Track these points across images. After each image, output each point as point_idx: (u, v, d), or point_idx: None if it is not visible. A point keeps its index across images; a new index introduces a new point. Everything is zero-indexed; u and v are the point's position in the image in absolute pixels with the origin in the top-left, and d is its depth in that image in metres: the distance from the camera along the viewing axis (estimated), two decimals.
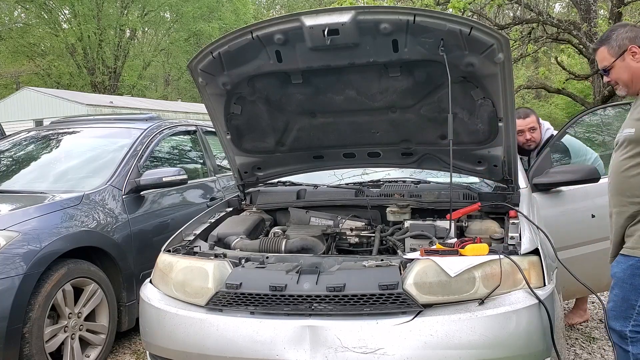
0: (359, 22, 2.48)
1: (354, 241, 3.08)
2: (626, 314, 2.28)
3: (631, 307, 2.27)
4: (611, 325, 2.33)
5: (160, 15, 33.06)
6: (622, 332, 2.29)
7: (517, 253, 2.38)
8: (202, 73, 2.87)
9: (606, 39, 2.44)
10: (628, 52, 2.37)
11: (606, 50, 2.43)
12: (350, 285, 2.26)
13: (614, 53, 2.41)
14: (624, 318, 2.29)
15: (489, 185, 3.37)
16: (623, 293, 2.30)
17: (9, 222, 3.22)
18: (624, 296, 2.29)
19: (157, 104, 25.81)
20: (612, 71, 2.44)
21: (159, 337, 2.55)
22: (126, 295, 3.75)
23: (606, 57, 2.44)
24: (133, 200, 3.96)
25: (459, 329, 2.15)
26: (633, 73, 2.40)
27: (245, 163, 3.45)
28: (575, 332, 3.97)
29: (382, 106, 3.01)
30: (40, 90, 23.16)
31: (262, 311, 2.33)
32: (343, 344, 2.18)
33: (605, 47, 2.43)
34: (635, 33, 2.39)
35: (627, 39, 2.38)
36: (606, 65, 2.44)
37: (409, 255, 2.45)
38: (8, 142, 4.85)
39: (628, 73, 2.40)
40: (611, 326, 2.33)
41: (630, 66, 2.39)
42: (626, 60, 2.38)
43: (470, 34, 2.46)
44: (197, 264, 2.56)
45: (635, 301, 2.26)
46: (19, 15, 30.81)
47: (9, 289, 2.98)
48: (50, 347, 3.22)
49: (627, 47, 2.37)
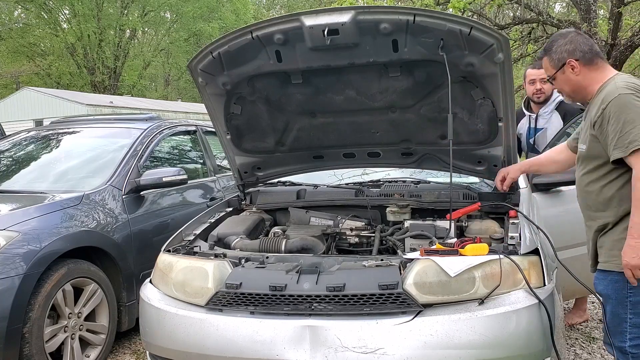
0: (359, 22, 2.48)
1: (354, 241, 3.08)
2: (620, 328, 2.27)
3: (623, 321, 2.25)
4: (612, 341, 2.32)
5: (160, 15, 33.05)
6: (621, 347, 2.27)
7: (517, 253, 2.38)
8: (202, 73, 2.88)
9: (548, 49, 2.42)
10: (567, 65, 2.34)
11: (547, 61, 2.41)
12: (350, 285, 2.26)
13: (554, 65, 2.39)
14: (619, 333, 2.27)
15: (489, 185, 3.37)
16: (612, 309, 2.28)
17: (9, 222, 3.22)
18: (613, 312, 2.28)
19: (157, 104, 25.82)
20: (555, 82, 2.44)
21: (159, 337, 2.55)
22: (126, 295, 3.75)
23: (548, 67, 2.42)
24: (133, 200, 3.95)
25: (459, 328, 2.16)
26: (573, 86, 2.38)
27: (245, 163, 3.45)
28: (575, 332, 3.97)
29: (382, 106, 3.01)
30: (40, 90, 23.16)
31: (262, 311, 2.33)
32: (343, 344, 2.18)
33: (547, 58, 2.42)
34: (574, 45, 2.34)
35: (566, 51, 2.35)
36: (548, 75, 2.44)
37: (409, 255, 2.45)
38: (8, 142, 4.85)
39: (568, 86, 2.39)
40: (612, 342, 2.32)
41: (570, 79, 2.37)
42: (566, 73, 2.36)
43: (470, 33, 2.46)
44: (197, 264, 2.56)
45: (625, 314, 2.24)
46: (19, 15, 30.80)
47: (9, 289, 2.98)
48: (50, 347, 3.22)
49: (565, 60, 2.34)
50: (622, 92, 2.17)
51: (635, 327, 2.24)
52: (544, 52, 2.44)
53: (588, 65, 2.34)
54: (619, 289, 2.24)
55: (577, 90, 2.39)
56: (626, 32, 10.91)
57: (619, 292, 2.25)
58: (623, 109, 2.14)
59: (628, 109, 2.13)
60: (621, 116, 2.14)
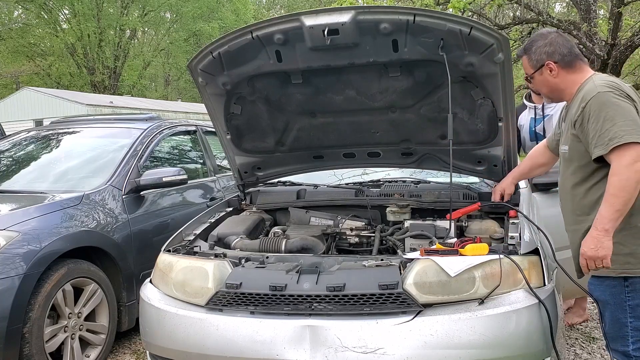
0: (359, 22, 2.48)
1: (354, 241, 3.08)
2: (621, 333, 2.26)
3: (623, 325, 2.25)
4: (613, 346, 2.31)
5: (160, 15, 33.04)
6: (625, 352, 2.26)
7: (517, 253, 2.38)
8: (202, 73, 2.88)
9: (528, 48, 2.41)
10: (545, 67, 2.34)
11: (527, 61, 2.41)
12: (350, 285, 2.26)
13: (532, 65, 2.39)
14: (621, 338, 2.27)
15: (489, 185, 3.37)
16: (612, 314, 2.28)
17: (9, 222, 3.22)
18: (613, 317, 2.28)
19: (157, 104, 25.81)
20: (533, 82, 2.45)
21: (159, 337, 2.55)
22: (126, 295, 3.74)
23: (527, 67, 2.43)
24: (133, 200, 3.95)
25: (459, 328, 2.15)
26: (550, 87, 2.39)
27: (245, 163, 3.45)
28: (575, 332, 3.97)
29: (382, 106, 3.01)
30: (40, 90, 23.15)
31: (262, 311, 2.33)
32: (343, 344, 2.18)
33: (526, 57, 2.42)
34: (554, 47, 2.34)
35: (545, 53, 2.35)
36: (527, 74, 2.43)
37: (409, 255, 2.45)
38: (8, 142, 4.85)
39: (546, 87, 2.40)
40: (613, 347, 2.31)
41: (548, 81, 2.37)
42: (544, 74, 2.37)
43: (470, 33, 2.46)
44: (197, 264, 2.56)
45: (625, 319, 2.24)
46: (19, 15, 30.79)
47: (9, 289, 2.98)
48: (50, 347, 3.22)
49: (544, 62, 2.35)
50: (601, 90, 2.18)
51: (637, 330, 2.23)
52: (524, 51, 2.43)
53: (567, 68, 2.34)
54: (617, 293, 2.24)
55: (555, 91, 2.40)
56: (626, 32, 10.91)
57: (616, 296, 2.24)
58: (602, 106, 2.15)
59: (607, 107, 2.14)
60: (601, 114, 2.14)
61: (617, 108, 2.13)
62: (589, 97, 2.19)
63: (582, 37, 10.68)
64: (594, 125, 2.16)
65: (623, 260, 2.20)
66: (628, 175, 2.08)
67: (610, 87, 2.19)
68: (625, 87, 2.23)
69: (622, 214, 2.13)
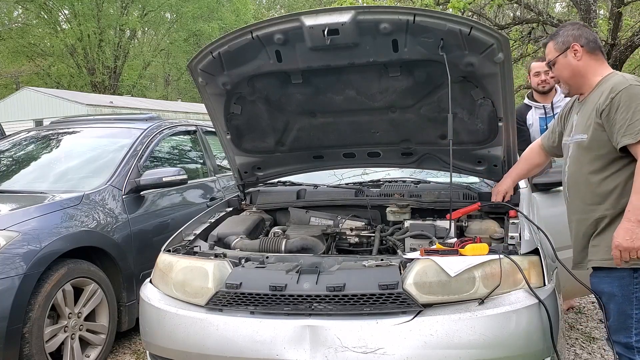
0: (359, 22, 2.48)
1: (354, 241, 3.08)
2: (625, 324, 2.27)
3: (628, 317, 2.26)
4: (615, 339, 2.32)
5: (160, 15, 33.03)
6: (628, 343, 2.27)
7: (517, 253, 2.38)
8: (202, 73, 2.88)
9: (555, 34, 2.48)
10: (570, 49, 2.40)
11: (552, 45, 2.47)
12: (350, 285, 2.26)
13: (558, 48, 2.44)
14: (624, 329, 2.27)
15: (489, 185, 3.37)
16: (617, 306, 2.28)
17: (9, 222, 3.22)
18: (619, 309, 2.28)
19: (157, 104, 25.80)
20: (555, 67, 2.48)
21: (159, 337, 2.55)
22: (126, 295, 3.74)
23: (551, 51, 2.47)
24: (133, 200, 3.95)
25: (459, 328, 2.15)
26: (573, 70, 2.42)
27: (245, 163, 3.45)
28: (575, 332, 3.97)
29: (382, 106, 3.01)
30: (40, 90, 23.15)
31: (262, 311, 2.33)
32: (343, 344, 2.18)
33: (552, 42, 2.47)
34: (581, 32, 2.42)
35: (572, 36, 2.41)
36: (550, 59, 2.47)
37: (408, 255, 2.45)
38: (8, 142, 4.85)
39: (568, 70, 2.43)
40: (615, 339, 2.32)
41: (571, 63, 2.41)
42: (568, 57, 2.41)
43: (470, 33, 2.46)
44: (197, 264, 2.56)
45: (631, 310, 2.25)
46: (19, 15, 30.79)
47: (9, 289, 2.98)
48: (50, 347, 3.22)
49: (570, 44, 2.40)
50: (633, 83, 2.24)
51: None
52: (550, 37, 2.51)
53: (590, 54, 2.40)
54: (626, 285, 2.25)
55: (575, 76, 2.42)
56: (626, 32, 10.92)
57: (625, 288, 2.25)
58: (634, 98, 2.20)
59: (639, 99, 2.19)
60: (632, 104, 2.19)
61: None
62: (620, 88, 2.23)
63: None
64: (623, 115, 2.20)
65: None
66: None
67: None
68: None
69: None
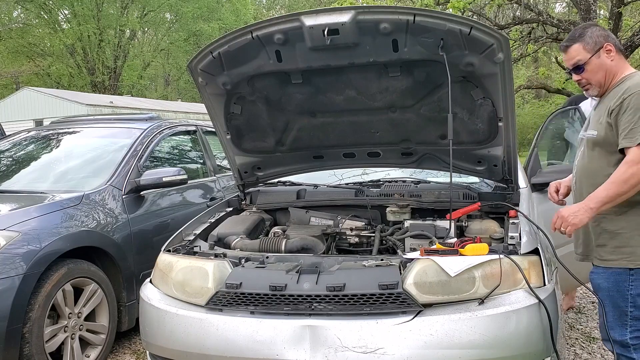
0: (359, 22, 2.48)
1: (354, 241, 3.08)
2: (620, 321, 2.29)
3: (623, 313, 2.28)
4: (612, 335, 2.33)
5: (160, 15, 33.01)
6: (623, 340, 2.28)
7: (517, 253, 2.38)
8: (202, 73, 2.87)
9: (580, 36, 2.43)
10: (603, 49, 2.38)
11: (581, 47, 2.41)
12: (350, 285, 2.26)
13: (590, 49, 2.40)
14: (619, 326, 2.30)
15: (489, 185, 3.37)
16: (613, 302, 2.31)
17: (9, 222, 3.22)
18: (614, 305, 2.31)
19: (157, 104, 25.79)
20: (587, 68, 2.42)
21: (159, 337, 2.55)
22: (126, 295, 3.74)
23: (581, 52, 2.42)
24: (133, 200, 3.95)
25: (459, 328, 2.15)
26: (607, 70, 2.40)
27: (245, 163, 3.45)
28: (575, 332, 3.97)
29: (382, 106, 3.01)
30: (40, 90, 23.13)
31: (262, 311, 2.33)
32: (343, 344, 2.18)
33: (581, 44, 2.42)
34: (607, 33, 2.43)
35: (602, 36, 2.40)
36: (581, 60, 2.41)
37: (408, 255, 2.45)
38: (8, 142, 4.85)
39: (602, 70, 2.41)
40: (612, 337, 2.33)
41: (605, 63, 2.39)
42: (601, 57, 2.39)
43: (470, 33, 2.46)
44: (197, 264, 2.56)
45: (626, 307, 2.27)
46: (19, 15, 30.78)
47: (9, 289, 2.98)
48: (50, 347, 3.22)
49: (602, 44, 2.38)
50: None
51: (636, 319, 2.27)
52: (573, 39, 2.44)
53: (620, 53, 2.41)
54: (621, 281, 2.27)
55: (608, 76, 2.41)
56: (626, 32, 10.92)
57: (620, 284, 2.28)
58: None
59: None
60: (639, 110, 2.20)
61: None
62: (633, 91, 2.24)
63: None
64: (629, 117, 2.22)
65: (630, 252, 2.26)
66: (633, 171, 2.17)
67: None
68: None
69: (611, 202, 2.23)
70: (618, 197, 2.22)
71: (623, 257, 2.27)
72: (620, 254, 2.27)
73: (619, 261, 2.28)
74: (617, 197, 2.22)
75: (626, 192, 2.20)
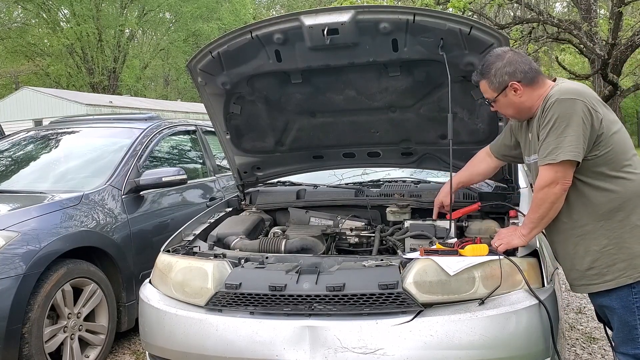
0: (359, 21, 2.48)
1: (353, 241, 3.08)
2: (631, 336, 2.24)
3: (633, 328, 2.23)
4: (622, 350, 2.29)
5: (159, 15, 33.01)
6: (636, 354, 2.24)
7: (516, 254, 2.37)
8: (201, 73, 2.87)
9: (486, 72, 2.32)
10: (509, 88, 2.27)
11: (487, 85, 2.33)
12: (350, 285, 2.26)
13: (495, 88, 2.30)
14: (631, 340, 2.25)
15: (489, 185, 3.36)
16: (620, 318, 2.26)
17: (9, 222, 3.21)
18: (622, 320, 2.26)
19: (157, 104, 25.78)
20: (496, 105, 2.37)
21: (158, 337, 2.54)
22: (126, 295, 3.74)
23: (488, 91, 2.35)
24: (132, 200, 3.95)
25: (458, 329, 2.15)
26: (517, 107, 2.32)
27: (245, 163, 3.45)
28: (575, 332, 3.96)
29: (382, 106, 3.01)
30: (40, 90, 23.12)
31: (262, 311, 2.32)
32: (343, 344, 2.18)
33: (487, 81, 2.33)
34: (514, 67, 2.27)
35: (507, 74, 2.26)
36: (489, 98, 2.36)
37: (408, 255, 2.45)
38: (7, 142, 4.85)
39: (512, 108, 2.33)
40: (622, 351, 2.29)
41: (513, 101, 2.30)
42: (508, 96, 2.29)
43: (470, 33, 2.46)
44: (197, 264, 2.55)
45: (635, 321, 2.22)
46: (19, 15, 30.78)
47: (8, 289, 2.98)
48: (50, 347, 3.21)
49: (507, 83, 2.27)
50: (559, 97, 2.16)
51: None
52: (481, 75, 2.34)
53: (530, 85, 2.27)
54: (624, 296, 2.22)
55: (522, 111, 2.33)
56: (627, 32, 10.92)
57: (624, 299, 2.22)
58: (557, 116, 2.14)
59: (560, 118, 2.13)
60: (550, 123, 2.15)
61: (565, 120, 2.12)
62: (554, 98, 2.16)
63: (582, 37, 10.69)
64: (544, 131, 2.18)
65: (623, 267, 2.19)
66: (541, 196, 2.21)
67: (571, 94, 2.16)
68: (589, 96, 2.19)
69: (538, 225, 2.28)
70: (541, 220, 2.25)
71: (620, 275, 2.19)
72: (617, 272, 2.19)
73: (617, 280, 2.20)
74: (541, 220, 2.25)
75: (547, 214, 2.23)
